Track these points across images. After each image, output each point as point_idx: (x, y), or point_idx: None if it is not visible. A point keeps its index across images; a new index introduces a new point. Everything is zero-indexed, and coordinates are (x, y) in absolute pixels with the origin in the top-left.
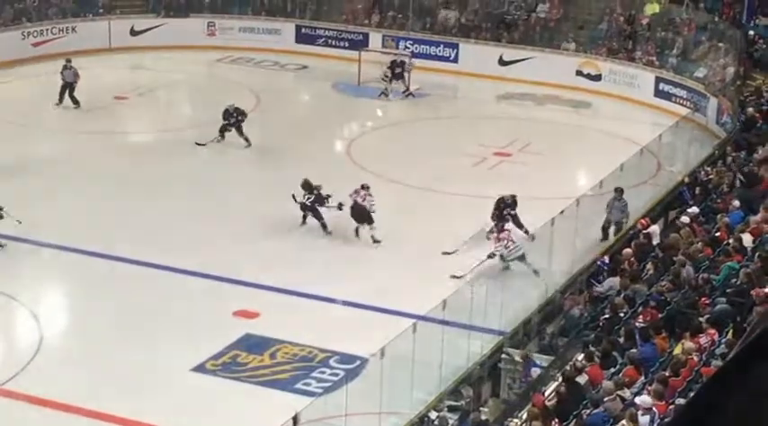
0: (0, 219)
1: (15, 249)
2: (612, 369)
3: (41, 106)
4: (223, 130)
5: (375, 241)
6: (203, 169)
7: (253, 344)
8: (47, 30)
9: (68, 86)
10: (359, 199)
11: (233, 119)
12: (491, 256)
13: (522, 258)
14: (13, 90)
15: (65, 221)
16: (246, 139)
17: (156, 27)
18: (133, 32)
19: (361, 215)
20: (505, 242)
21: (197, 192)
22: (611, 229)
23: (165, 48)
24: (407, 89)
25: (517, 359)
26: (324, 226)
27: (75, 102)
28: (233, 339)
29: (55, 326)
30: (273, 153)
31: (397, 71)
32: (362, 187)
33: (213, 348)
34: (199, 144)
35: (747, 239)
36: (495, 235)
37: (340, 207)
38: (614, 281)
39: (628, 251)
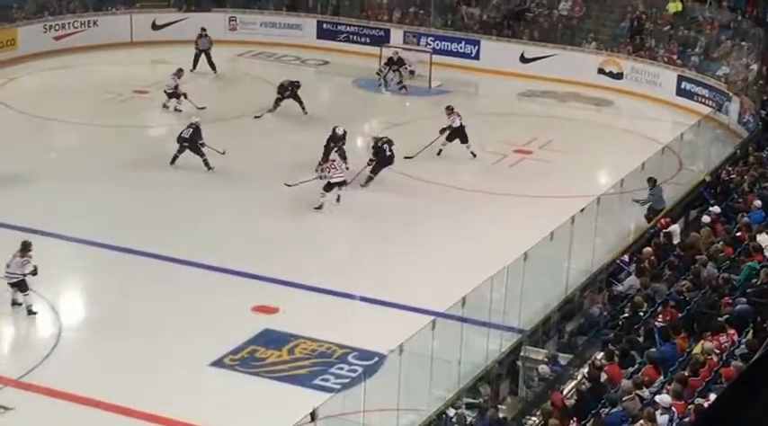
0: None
1: (35, 241)
2: (631, 368)
3: (62, 99)
4: (277, 102)
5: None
6: (223, 163)
7: (271, 340)
8: (68, 23)
9: (204, 53)
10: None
11: (287, 91)
12: (319, 178)
13: (340, 184)
14: (34, 83)
15: (85, 214)
16: (303, 107)
17: (177, 21)
18: (155, 26)
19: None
20: (328, 169)
21: (217, 186)
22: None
23: (186, 42)
24: (401, 82)
25: (537, 357)
26: None
27: (213, 67)
28: (252, 334)
29: (74, 319)
30: (294, 148)
31: (393, 67)
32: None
33: (232, 343)
34: (257, 116)
35: (766, 239)
36: (322, 164)
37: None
38: (634, 280)
39: (648, 250)
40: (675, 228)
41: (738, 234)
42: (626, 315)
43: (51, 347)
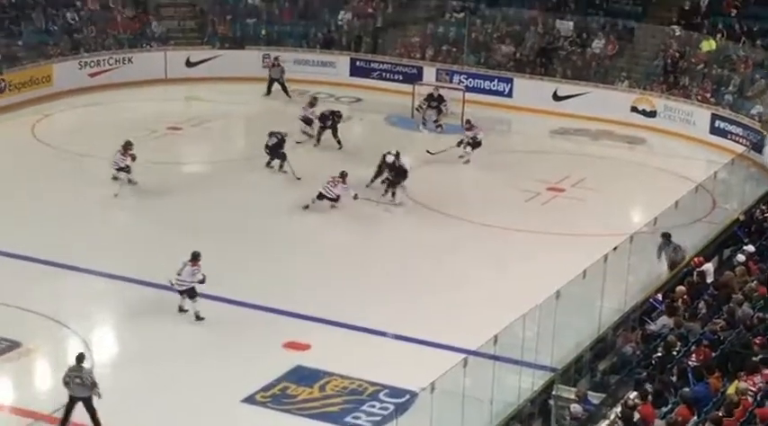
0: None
1: (67, 276)
2: (665, 408)
3: (96, 136)
4: (320, 133)
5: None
6: (254, 199)
7: (303, 376)
8: (104, 60)
9: (276, 81)
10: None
11: (329, 121)
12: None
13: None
14: (69, 119)
15: (117, 250)
16: (339, 142)
17: (211, 58)
18: (189, 63)
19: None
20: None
21: (250, 223)
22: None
23: (220, 79)
24: (438, 120)
25: (569, 396)
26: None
27: (288, 93)
28: (283, 370)
29: (106, 354)
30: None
31: (433, 104)
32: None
33: (263, 379)
34: (299, 142)
35: None
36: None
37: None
38: (667, 319)
39: (681, 288)
40: (709, 267)
41: None
42: (659, 354)
43: None
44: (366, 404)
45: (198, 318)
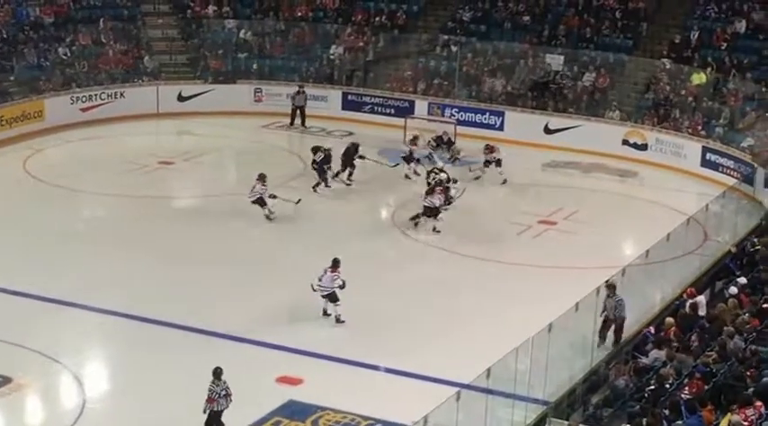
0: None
1: (59, 311)
2: None
3: (88, 170)
4: (352, 166)
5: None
6: (247, 234)
7: (296, 411)
8: (95, 95)
9: (299, 109)
10: None
11: (355, 153)
12: None
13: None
14: (61, 154)
15: (109, 285)
16: (350, 175)
17: (203, 93)
18: (181, 98)
19: None
20: None
21: (239, 257)
22: (611, 330)
23: (212, 113)
24: (453, 156)
25: None
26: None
27: (303, 122)
28: (276, 405)
29: (98, 390)
30: (317, 218)
31: (443, 146)
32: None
33: (256, 414)
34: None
35: None
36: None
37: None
38: (660, 353)
39: (670, 320)
40: (701, 299)
41: (765, 305)
42: (652, 387)
43: (75, 417)
44: None
45: (338, 321)
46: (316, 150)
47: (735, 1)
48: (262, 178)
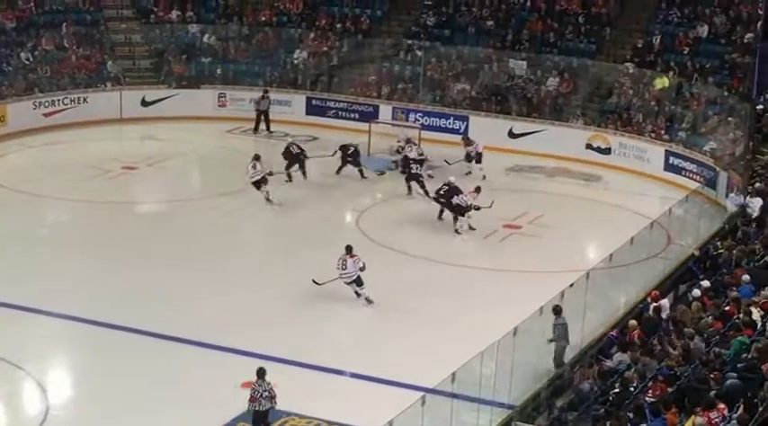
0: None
1: (21, 318)
2: None
3: (51, 175)
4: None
5: None
6: (211, 239)
7: None
8: (58, 100)
9: (263, 113)
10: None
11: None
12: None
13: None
14: (23, 159)
15: (71, 291)
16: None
17: (167, 98)
18: (144, 103)
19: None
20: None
21: (205, 262)
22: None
23: (175, 118)
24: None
25: None
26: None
27: (268, 127)
28: (241, 410)
29: (61, 396)
30: (282, 223)
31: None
32: None
33: (220, 420)
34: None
35: (756, 314)
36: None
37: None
38: (623, 356)
39: (633, 323)
40: (665, 303)
41: (727, 308)
42: (616, 390)
43: (39, 424)
44: None
45: (368, 301)
46: (346, 148)
47: (697, 6)
48: (258, 158)
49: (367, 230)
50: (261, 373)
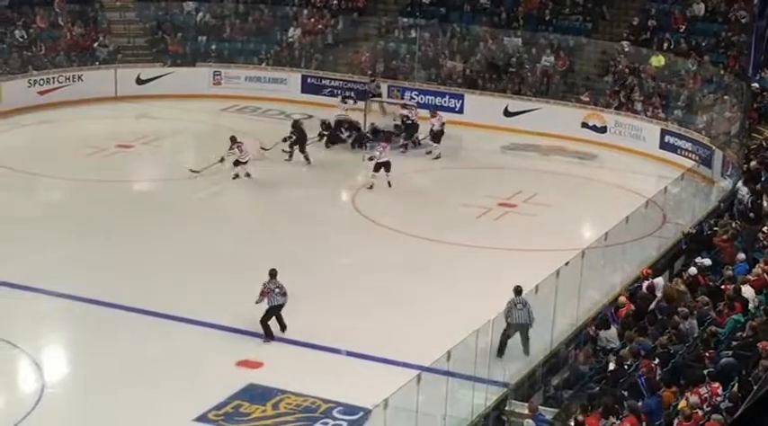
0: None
1: (17, 296)
2: (612, 419)
3: (46, 154)
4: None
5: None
6: (205, 216)
7: (256, 394)
8: (53, 78)
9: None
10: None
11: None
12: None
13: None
14: (18, 137)
15: (67, 269)
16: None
17: (162, 76)
18: (139, 81)
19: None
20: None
21: (201, 241)
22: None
23: (171, 96)
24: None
25: (522, 411)
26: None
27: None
28: (236, 389)
29: (57, 375)
30: (278, 201)
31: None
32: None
33: (216, 398)
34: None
35: (750, 292)
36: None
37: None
38: (617, 333)
39: (622, 299)
40: (659, 281)
41: (722, 286)
42: (611, 368)
43: (34, 403)
44: (319, 422)
45: (389, 185)
46: (322, 122)
47: None
48: (234, 139)
49: (363, 209)
50: (273, 273)
